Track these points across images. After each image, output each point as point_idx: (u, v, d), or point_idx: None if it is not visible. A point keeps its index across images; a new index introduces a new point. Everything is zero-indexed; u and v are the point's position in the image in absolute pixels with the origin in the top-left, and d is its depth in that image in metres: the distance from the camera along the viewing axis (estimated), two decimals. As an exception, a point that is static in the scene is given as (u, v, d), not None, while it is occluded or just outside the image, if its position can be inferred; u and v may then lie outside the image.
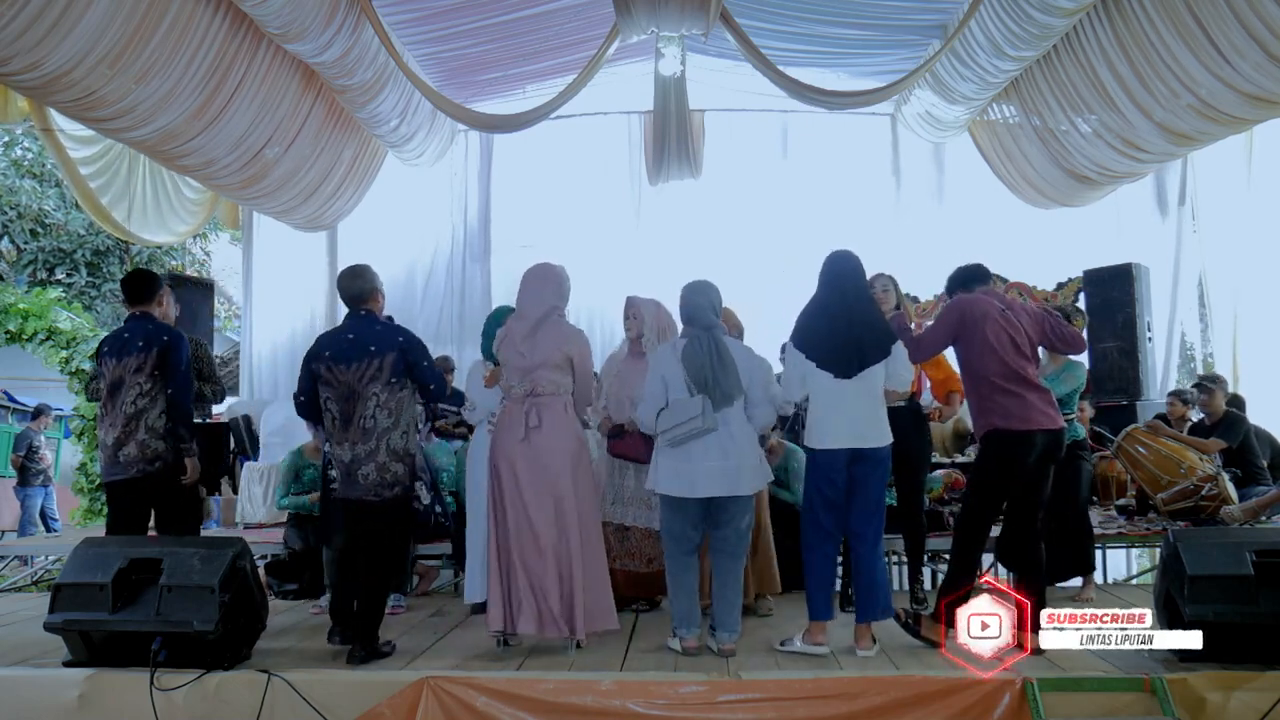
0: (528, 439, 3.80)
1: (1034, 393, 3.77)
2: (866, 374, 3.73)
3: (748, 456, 3.79)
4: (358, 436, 3.81)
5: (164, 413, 4.18)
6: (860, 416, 3.72)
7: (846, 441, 3.71)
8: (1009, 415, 3.74)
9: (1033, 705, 3.16)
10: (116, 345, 4.27)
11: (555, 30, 8.05)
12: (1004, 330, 3.79)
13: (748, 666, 3.56)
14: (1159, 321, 7.97)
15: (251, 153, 7.07)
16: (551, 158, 9.36)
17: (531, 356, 3.84)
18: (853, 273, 3.88)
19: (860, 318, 3.78)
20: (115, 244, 13.82)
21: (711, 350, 3.77)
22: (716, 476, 3.73)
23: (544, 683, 3.39)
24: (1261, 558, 3.44)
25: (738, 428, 3.78)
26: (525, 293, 4.01)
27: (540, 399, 3.84)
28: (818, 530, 3.80)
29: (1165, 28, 5.91)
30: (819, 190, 9.23)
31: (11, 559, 6.86)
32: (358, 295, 3.99)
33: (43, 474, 10.25)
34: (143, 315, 4.35)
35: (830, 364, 3.73)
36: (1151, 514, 5.77)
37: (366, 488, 3.82)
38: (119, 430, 4.15)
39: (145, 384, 4.15)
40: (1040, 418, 3.74)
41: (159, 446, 4.16)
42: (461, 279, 9.52)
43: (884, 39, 8.19)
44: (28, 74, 5.04)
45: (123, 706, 3.40)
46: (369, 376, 3.81)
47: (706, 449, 3.72)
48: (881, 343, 3.77)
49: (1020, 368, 3.77)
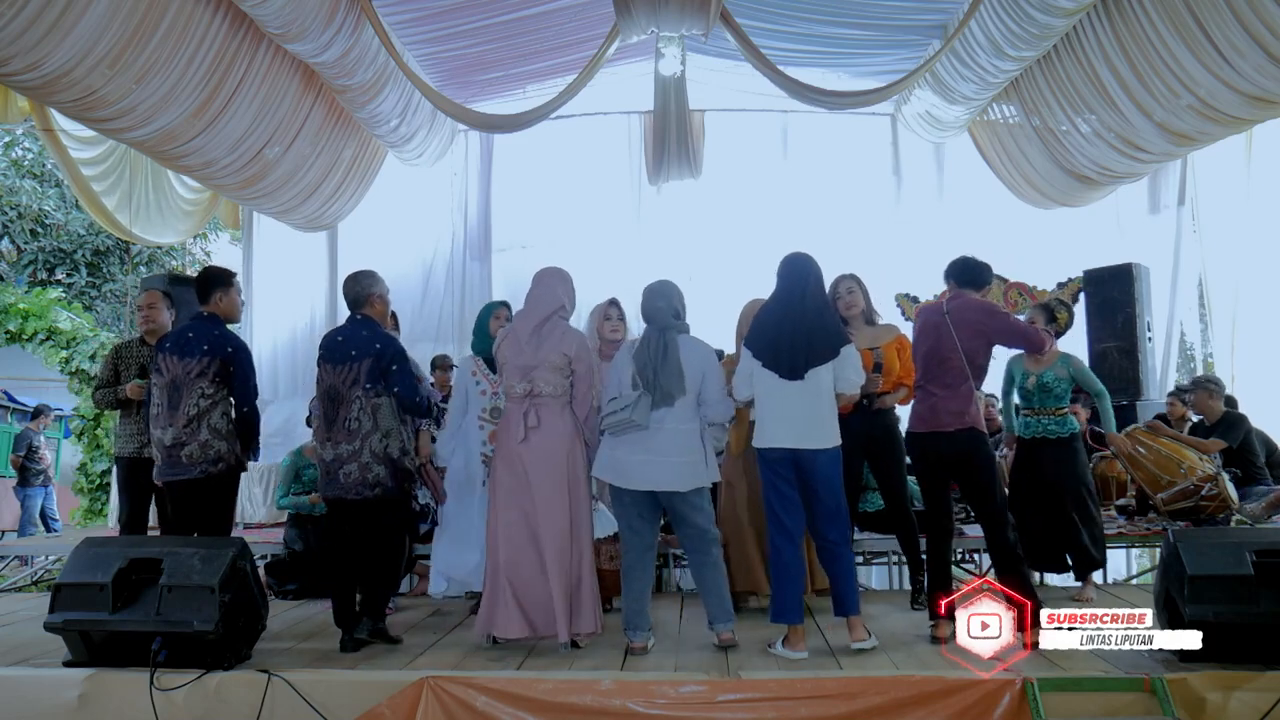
0: (527, 439, 3.82)
1: (935, 395, 3.95)
2: (812, 376, 3.71)
3: (682, 454, 3.77)
4: (341, 436, 3.91)
5: (226, 414, 4.18)
6: (802, 418, 3.71)
7: (787, 441, 3.71)
8: (912, 419, 4.04)
9: (1033, 705, 3.16)
10: (178, 343, 4.22)
11: (555, 30, 8.05)
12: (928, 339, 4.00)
13: (748, 666, 3.57)
14: (1159, 321, 7.96)
15: (251, 153, 7.07)
16: (552, 158, 9.36)
17: (534, 356, 3.86)
18: (805, 274, 3.87)
19: (810, 319, 3.77)
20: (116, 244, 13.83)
21: (659, 349, 3.80)
22: (646, 470, 3.75)
23: (544, 683, 3.39)
24: (1261, 558, 3.44)
25: (674, 424, 3.78)
26: (537, 289, 4.02)
27: (539, 399, 3.85)
28: (780, 530, 3.78)
29: (1165, 28, 5.92)
30: (819, 190, 9.23)
31: (11, 559, 6.87)
32: (357, 299, 4.10)
33: (43, 474, 10.25)
34: (208, 316, 4.33)
35: (775, 364, 3.74)
36: (1151, 514, 5.77)
37: (347, 486, 3.91)
38: (177, 429, 4.11)
39: (207, 388, 4.13)
40: (934, 419, 3.93)
41: (221, 447, 4.14)
42: (462, 279, 9.52)
43: (884, 39, 8.19)
44: (28, 74, 5.04)
45: (123, 706, 3.40)
46: (350, 380, 3.92)
47: (638, 442, 3.75)
48: (829, 344, 3.75)
49: (925, 374, 3.99)
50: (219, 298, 4.36)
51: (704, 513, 3.89)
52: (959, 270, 4.15)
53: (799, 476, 3.74)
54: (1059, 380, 4.65)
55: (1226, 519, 5.36)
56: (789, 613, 3.73)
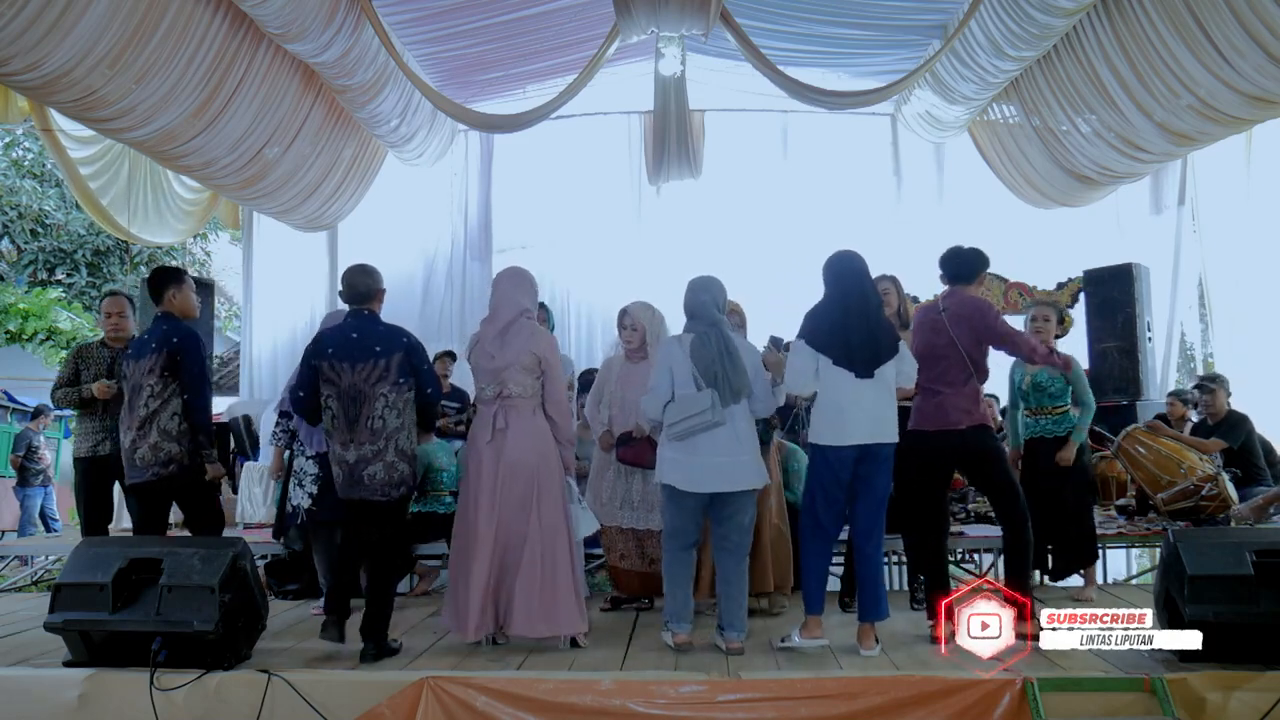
0: (494, 441, 3.84)
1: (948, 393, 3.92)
2: (880, 372, 3.75)
3: (750, 453, 3.81)
4: (365, 437, 3.78)
5: (176, 414, 4.14)
6: (875, 414, 3.74)
7: (860, 438, 3.73)
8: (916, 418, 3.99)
9: (1033, 705, 3.15)
10: (136, 347, 4.27)
11: (555, 30, 8.06)
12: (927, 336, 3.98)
13: (748, 666, 3.56)
14: (1159, 321, 7.96)
15: (251, 153, 7.08)
16: (552, 158, 9.37)
17: (501, 358, 3.87)
18: (862, 272, 3.90)
19: (872, 316, 3.81)
20: (115, 244, 13.83)
21: (721, 346, 3.80)
22: (720, 471, 3.75)
23: (544, 683, 3.39)
24: (1261, 558, 3.44)
25: (743, 424, 3.80)
26: (497, 295, 4.02)
27: (509, 401, 3.87)
28: (815, 527, 3.83)
29: (1165, 28, 5.92)
30: (819, 190, 9.25)
31: (11, 559, 6.86)
32: (365, 293, 3.96)
33: (42, 474, 10.25)
34: (162, 315, 4.32)
35: (847, 362, 3.74)
36: (1151, 514, 5.77)
37: (373, 488, 3.80)
38: (134, 433, 4.13)
39: (155, 385, 4.12)
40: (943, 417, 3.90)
41: (172, 449, 4.12)
42: (462, 278, 9.52)
43: (884, 39, 8.20)
44: (28, 74, 5.04)
45: (123, 706, 3.40)
46: (376, 377, 3.79)
47: (712, 444, 3.74)
48: (893, 341, 3.81)
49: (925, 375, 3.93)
50: (171, 295, 4.34)
51: (753, 512, 3.92)
52: (949, 263, 4.14)
53: (857, 471, 3.76)
54: (1053, 379, 4.64)
55: (1227, 519, 5.36)
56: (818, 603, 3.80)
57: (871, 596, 3.80)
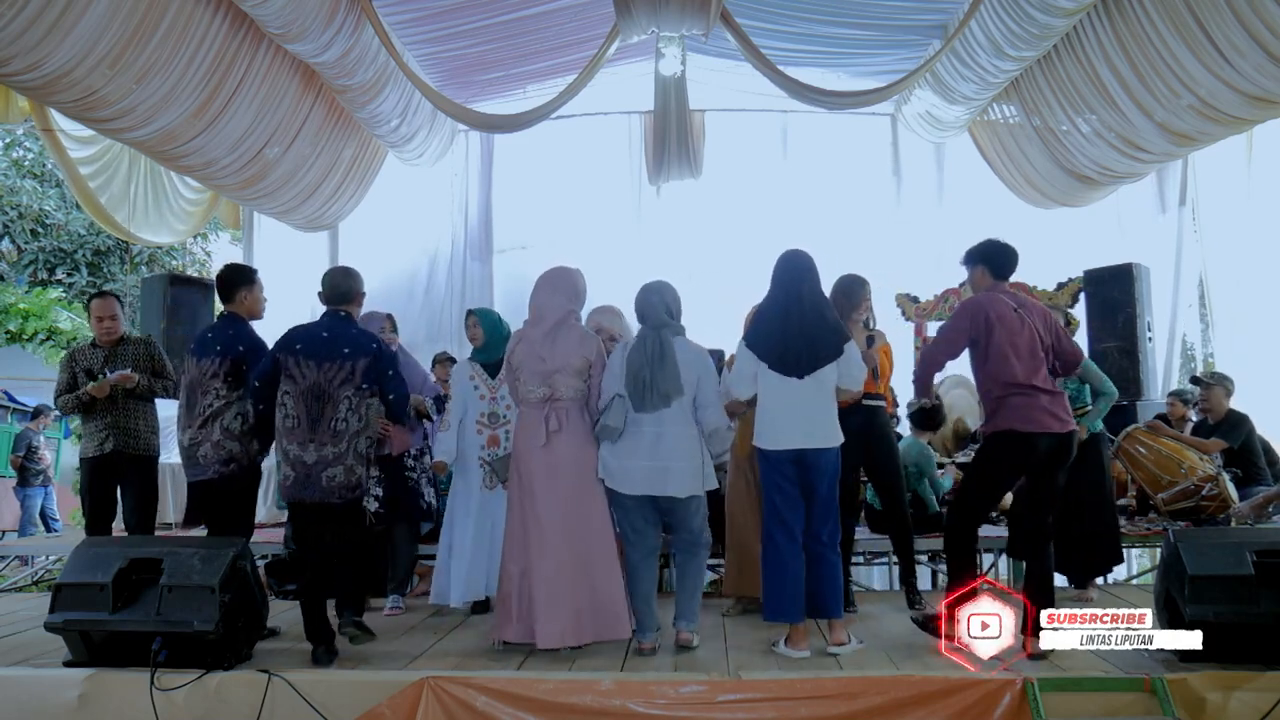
0: (549, 444, 3.77)
1: (1044, 395, 3.72)
2: (818, 374, 3.69)
3: (680, 459, 3.74)
4: (327, 438, 3.72)
5: (240, 414, 4.11)
6: (809, 417, 3.69)
7: (794, 442, 3.69)
8: (1016, 418, 3.71)
9: (1033, 705, 3.16)
10: (199, 345, 4.23)
11: (555, 30, 8.06)
12: (1019, 333, 3.73)
13: (748, 666, 3.56)
14: (1159, 321, 7.95)
15: (251, 153, 7.08)
16: (552, 158, 9.37)
17: (551, 360, 3.81)
18: (805, 271, 3.83)
19: (812, 318, 3.74)
20: (116, 244, 13.82)
21: (655, 350, 3.76)
22: (645, 475, 3.73)
23: (544, 683, 3.39)
24: (1261, 558, 3.44)
25: (673, 428, 3.75)
26: (541, 296, 3.95)
27: (559, 404, 3.82)
28: (783, 530, 3.74)
29: (1166, 27, 5.92)
30: (819, 190, 9.23)
31: (11, 559, 6.87)
32: (345, 294, 3.95)
33: (42, 474, 10.24)
34: (229, 315, 4.32)
35: (780, 363, 3.70)
36: (1151, 514, 5.77)
37: (331, 490, 3.72)
38: (195, 430, 4.11)
39: (221, 389, 4.10)
40: (1049, 421, 3.69)
41: (234, 448, 4.10)
42: (462, 279, 9.52)
43: (884, 39, 8.20)
44: (28, 74, 5.04)
45: (123, 706, 3.40)
46: (341, 378, 3.75)
47: (636, 448, 3.74)
48: (834, 342, 3.73)
49: (1033, 371, 3.72)
50: (244, 295, 4.33)
51: (700, 517, 3.89)
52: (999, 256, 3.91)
53: (800, 475, 3.72)
54: (1065, 381, 4.60)
55: (1227, 519, 5.36)
56: (788, 612, 3.71)
57: (827, 595, 3.73)
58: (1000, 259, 3.92)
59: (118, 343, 4.84)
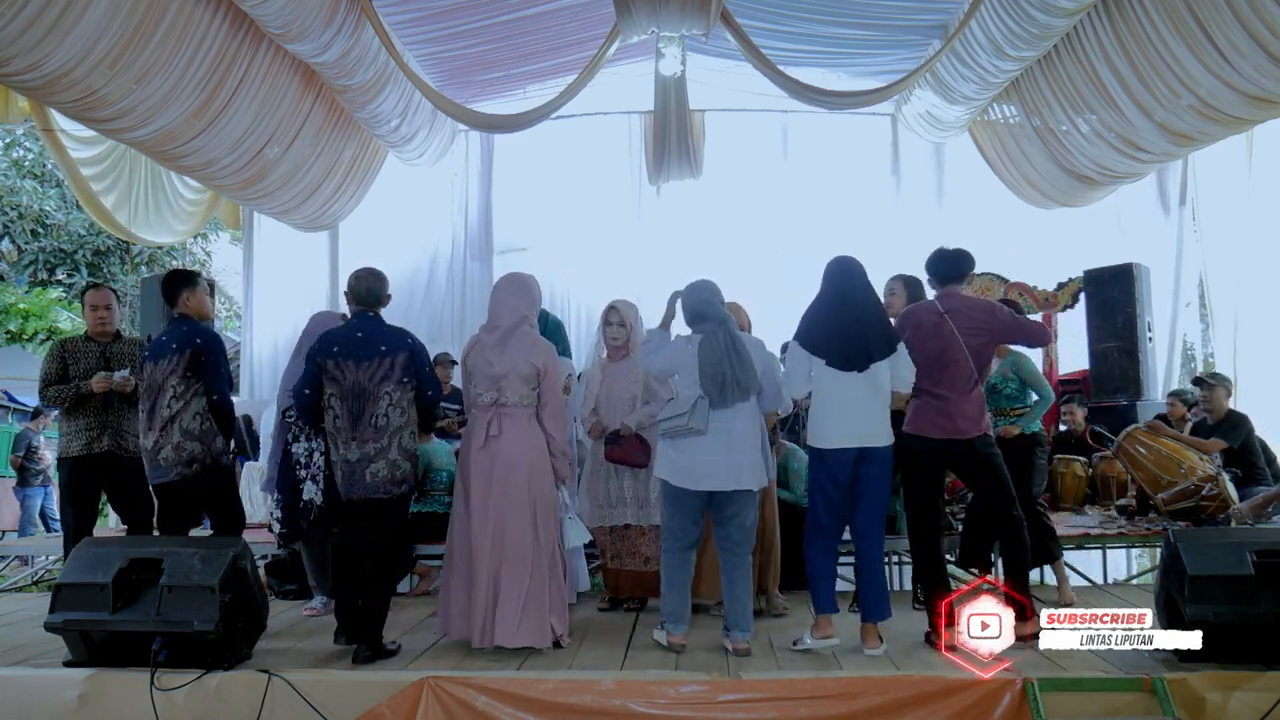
0: (486, 447, 3.84)
1: (955, 400, 3.83)
2: (873, 372, 3.74)
3: (751, 453, 3.79)
4: (369, 435, 3.81)
5: (199, 414, 4.15)
6: (866, 415, 3.73)
7: (853, 440, 3.72)
8: (912, 421, 3.91)
9: (1033, 705, 3.16)
10: (154, 348, 4.26)
11: (556, 30, 8.06)
12: (930, 339, 3.88)
13: (748, 667, 3.56)
14: (1159, 321, 7.96)
15: (251, 153, 7.08)
16: (552, 158, 9.37)
17: (500, 365, 3.87)
18: (857, 274, 3.90)
19: (866, 316, 3.80)
20: (116, 244, 13.84)
21: (729, 345, 3.79)
22: (717, 470, 3.74)
23: (544, 683, 3.40)
24: (1261, 558, 3.44)
25: (745, 423, 3.79)
26: (498, 302, 4.03)
27: (505, 409, 3.87)
28: (818, 528, 3.83)
29: (1166, 28, 5.92)
30: (819, 190, 9.24)
31: (11, 559, 6.87)
32: (372, 297, 4.02)
33: (42, 474, 10.25)
34: (179, 317, 4.34)
35: (838, 360, 3.74)
36: (1151, 514, 5.77)
37: (375, 485, 3.81)
38: (156, 434, 4.13)
39: (178, 386, 4.13)
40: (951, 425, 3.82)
41: (195, 448, 4.12)
42: (462, 279, 9.53)
43: (884, 39, 8.20)
44: (28, 74, 5.04)
45: (123, 706, 3.40)
46: (381, 375, 3.83)
47: (709, 442, 3.74)
48: (887, 340, 3.78)
49: (931, 378, 3.85)
50: (186, 297, 4.36)
51: (755, 512, 3.91)
52: (938, 265, 4.08)
53: (856, 473, 3.75)
54: (1006, 380, 4.62)
55: (1227, 519, 5.36)
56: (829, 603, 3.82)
57: (873, 597, 3.80)
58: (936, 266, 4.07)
59: (113, 340, 4.83)
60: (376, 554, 3.89)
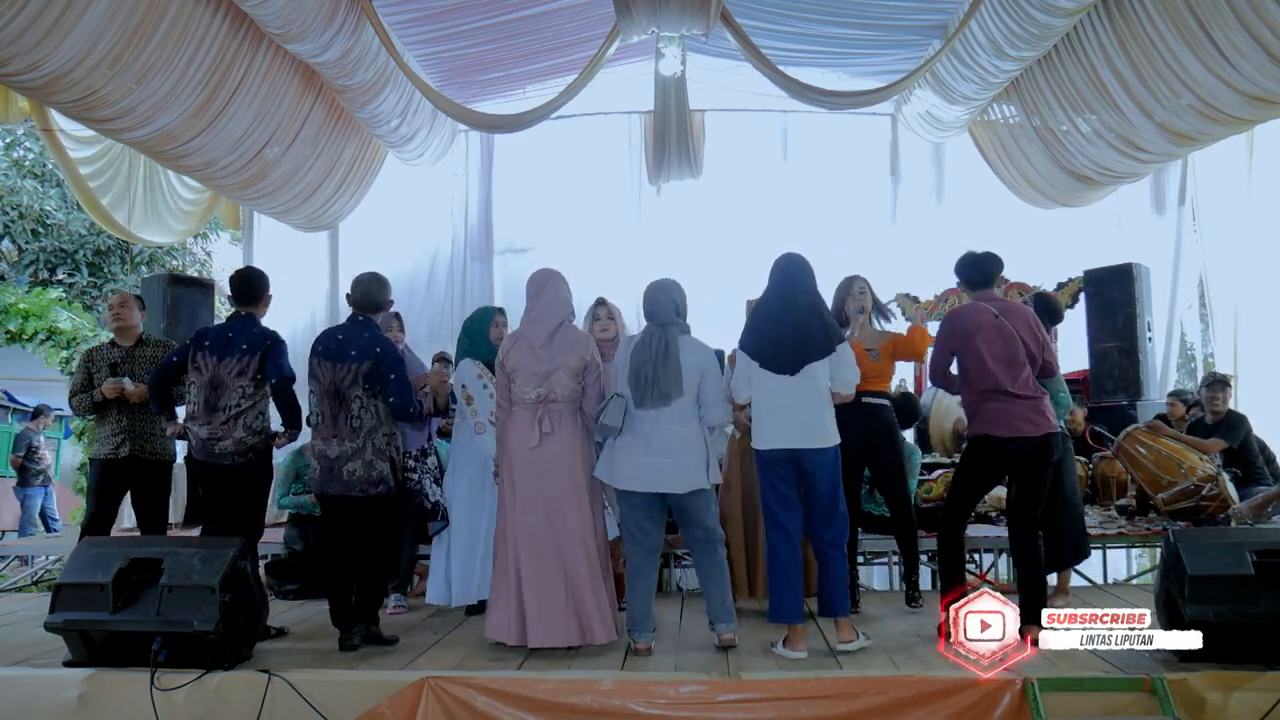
0: (541, 445, 3.79)
1: (1020, 401, 3.79)
2: (809, 374, 3.69)
3: (679, 456, 3.73)
4: (346, 433, 3.92)
5: (262, 413, 4.25)
6: (801, 417, 3.69)
7: (787, 442, 3.68)
8: (993, 423, 3.83)
9: (1033, 705, 3.15)
10: (219, 344, 4.24)
11: (556, 30, 8.06)
12: (995, 340, 3.83)
13: (748, 666, 3.56)
14: (1159, 321, 7.96)
15: (251, 153, 7.08)
16: (552, 158, 9.38)
17: (551, 361, 3.83)
18: (797, 272, 3.86)
19: (803, 316, 3.75)
20: (116, 244, 13.82)
21: (659, 348, 3.77)
22: (644, 471, 3.73)
23: (544, 682, 3.39)
24: (1261, 558, 3.44)
25: (672, 426, 3.74)
26: (543, 297, 3.98)
27: (554, 405, 3.83)
28: (778, 531, 3.76)
29: (1166, 28, 5.92)
30: (819, 190, 9.25)
31: (11, 559, 6.87)
32: (370, 304, 4.10)
33: (42, 474, 10.25)
34: (248, 316, 4.39)
35: (771, 362, 3.72)
36: (1151, 514, 5.77)
37: (351, 484, 3.89)
38: (216, 427, 4.15)
39: (248, 387, 4.19)
40: (1024, 425, 3.77)
41: (254, 442, 4.20)
42: (462, 279, 9.53)
43: (884, 39, 8.20)
44: (28, 74, 5.04)
45: (123, 706, 3.40)
46: (350, 379, 3.93)
47: (634, 444, 3.74)
48: (823, 341, 3.72)
49: (1009, 376, 3.80)
50: (269, 299, 4.57)
51: (711, 513, 3.87)
52: (969, 270, 4.04)
53: (798, 476, 3.72)
54: None
55: (1227, 519, 5.36)
56: (789, 613, 3.71)
57: (838, 593, 3.74)
58: (967, 271, 4.06)
59: (136, 344, 4.85)
60: (362, 548, 3.94)
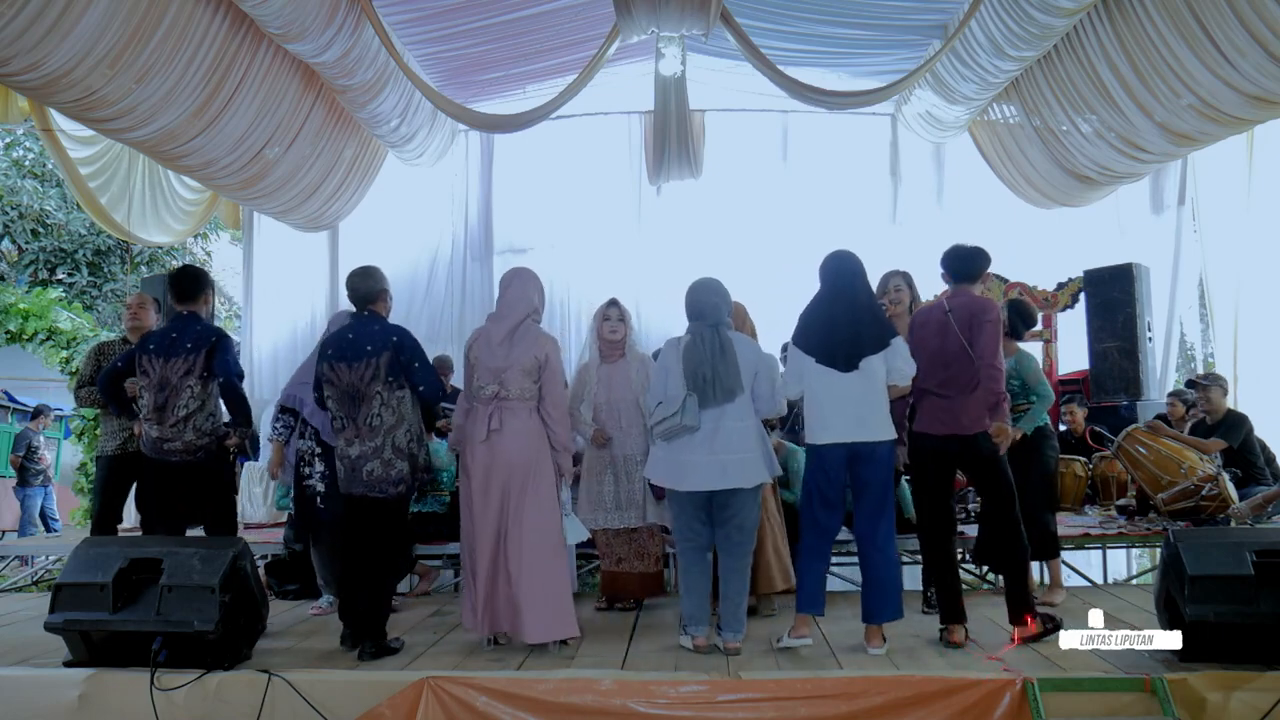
0: (488, 440, 3.85)
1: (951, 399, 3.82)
2: (865, 368, 3.72)
3: (742, 451, 3.75)
4: (366, 434, 3.88)
5: (212, 414, 4.23)
6: (859, 410, 3.71)
7: (845, 435, 3.71)
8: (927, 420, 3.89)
9: (1033, 705, 3.16)
10: (163, 345, 4.23)
11: (555, 30, 8.05)
12: (935, 338, 3.88)
13: (748, 666, 3.57)
14: (1159, 321, 7.96)
15: (251, 153, 7.07)
16: (552, 158, 9.37)
17: (506, 358, 3.88)
18: (850, 269, 3.89)
19: (857, 312, 3.79)
20: (116, 244, 13.83)
21: (715, 345, 3.78)
22: (705, 470, 3.73)
23: (544, 682, 3.40)
24: (1261, 558, 3.44)
25: (734, 422, 3.76)
26: (508, 295, 4.04)
27: (506, 402, 3.88)
28: (813, 526, 3.81)
29: (1166, 27, 5.92)
30: (819, 190, 9.24)
31: (11, 559, 6.87)
32: (366, 295, 4.06)
33: (42, 474, 10.25)
34: (190, 315, 4.35)
35: (827, 358, 3.74)
36: (1152, 514, 5.78)
37: (371, 484, 3.87)
38: (165, 429, 4.15)
39: (195, 387, 4.17)
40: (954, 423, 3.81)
41: (204, 442, 4.19)
42: (462, 279, 9.52)
43: (884, 39, 8.19)
44: (28, 74, 5.03)
45: (123, 706, 3.40)
46: (370, 375, 3.88)
47: (696, 442, 3.74)
48: (878, 336, 3.76)
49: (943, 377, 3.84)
50: (208, 296, 4.46)
51: (757, 511, 3.88)
52: (952, 262, 4.06)
53: (852, 470, 3.74)
54: (1009, 380, 4.60)
55: (1227, 519, 5.36)
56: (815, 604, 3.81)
57: (873, 599, 3.76)
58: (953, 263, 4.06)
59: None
60: (378, 553, 3.92)
